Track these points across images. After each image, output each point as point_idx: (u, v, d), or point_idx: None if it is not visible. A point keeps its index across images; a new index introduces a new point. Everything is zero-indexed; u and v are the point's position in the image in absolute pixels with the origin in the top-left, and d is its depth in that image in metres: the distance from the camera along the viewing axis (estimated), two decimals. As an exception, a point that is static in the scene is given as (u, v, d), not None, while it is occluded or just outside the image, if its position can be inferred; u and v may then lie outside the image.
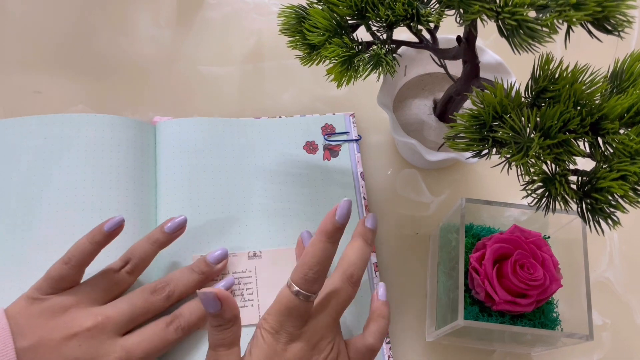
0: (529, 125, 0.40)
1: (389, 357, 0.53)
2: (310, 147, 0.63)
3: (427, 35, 0.51)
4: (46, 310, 0.45)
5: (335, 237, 0.46)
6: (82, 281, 0.49)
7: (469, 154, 0.44)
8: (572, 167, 0.41)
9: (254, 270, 0.56)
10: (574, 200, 0.40)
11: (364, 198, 0.61)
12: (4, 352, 0.42)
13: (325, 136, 0.64)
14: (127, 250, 0.51)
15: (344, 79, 0.48)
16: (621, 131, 0.40)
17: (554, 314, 0.52)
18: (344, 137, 0.64)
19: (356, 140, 0.64)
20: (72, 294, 0.47)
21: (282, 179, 0.61)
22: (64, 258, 0.47)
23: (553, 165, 0.40)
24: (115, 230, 0.49)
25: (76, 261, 0.47)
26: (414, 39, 0.52)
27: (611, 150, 0.40)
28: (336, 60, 0.47)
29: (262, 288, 0.55)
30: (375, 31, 0.49)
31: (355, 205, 0.60)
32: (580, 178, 0.41)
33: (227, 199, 0.59)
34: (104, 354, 0.45)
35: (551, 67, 0.42)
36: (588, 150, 0.41)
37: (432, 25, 0.49)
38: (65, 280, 0.47)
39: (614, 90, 0.42)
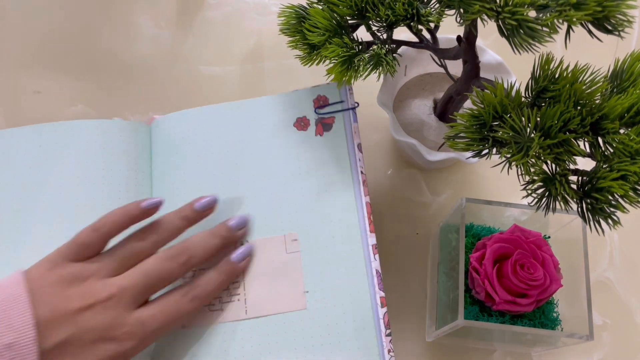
0: (529, 125, 0.40)
1: (388, 350, 0.50)
2: (302, 123, 0.58)
3: (427, 35, 0.52)
4: (65, 277, 0.45)
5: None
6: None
7: (469, 153, 0.44)
8: (572, 167, 0.41)
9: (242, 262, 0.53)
10: (574, 200, 0.40)
11: (362, 172, 0.55)
12: (22, 320, 0.41)
13: (317, 109, 0.58)
14: (154, 221, 0.49)
15: (344, 78, 0.48)
16: (621, 131, 0.40)
17: (554, 314, 0.52)
18: (338, 107, 0.58)
19: (352, 109, 0.57)
20: (92, 263, 0.46)
21: (271, 163, 0.57)
22: (94, 225, 0.47)
23: (553, 165, 0.40)
24: (152, 209, 0.49)
25: (106, 230, 0.47)
26: (414, 38, 0.52)
27: (611, 150, 0.40)
28: (336, 60, 0.47)
29: (249, 280, 0.53)
30: (376, 31, 0.49)
31: (351, 180, 0.55)
32: (580, 178, 0.41)
33: (217, 189, 0.56)
34: (118, 326, 0.44)
35: (551, 66, 0.42)
36: (588, 150, 0.41)
37: (432, 25, 0.49)
38: (90, 248, 0.46)
39: (614, 90, 0.42)
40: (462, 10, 0.40)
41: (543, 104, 0.42)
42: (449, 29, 0.51)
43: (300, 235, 0.53)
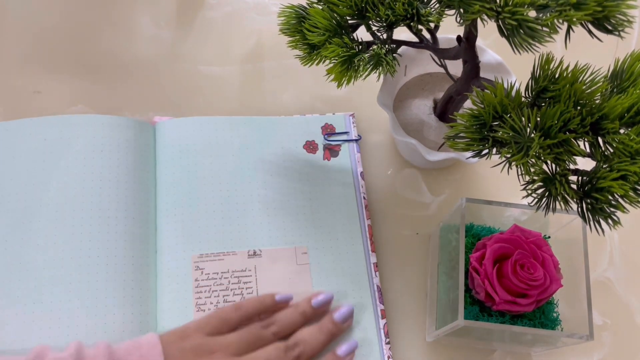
0: (529, 125, 0.40)
1: (388, 357, 0.53)
2: (310, 146, 0.63)
3: (427, 35, 0.51)
4: (196, 348, 0.48)
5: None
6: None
7: (469, 153, 0.44)
8: (572, 167, 0.41)
9: (253, 270, 0.56)
10: (574, 200, 0.40)
11: (364, 198, 0.61)
12: None
13: (325, 136, 0.64)
14: (277, 314, 0.52)
15: (344, 78, 0.48)
16: (621, 131, 0.40)
17: (554, 314, 0.52)
18: (344, 137, 0.64)
19: (356, 140, 0.64)
20: (222, 340, 0.49)
21: (282, 178, 0.61)
22: (237, 305, 0.52)
23: (553, 165, 0.40)
24: (284, 303, 0.53)
25: (244, 313, 0.51)
26: (414, 38, 0.52)
27: (611, 150, 0.40)
28: (336, 60, 0.47)
29: (262, 288, 0.55)
30: (375, 31, 0.49)
31: (356, 204, 0.60)
32: (580, 178, 0.41)
33: (226, 198, 0.59)
34: None
35: (551, 66, 0.42)
36: (588, 150, 0.41)
37: (432, 25, 0.49)
38: (227, 325, 0.51)
39: (614, 90, 0.42)
40: (462, 10, 0.40)
41: (543, 104, 0.42)
42: (449, 29, 0.51)
43: (309, 250, 0.57)
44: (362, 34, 0.49)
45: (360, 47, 0.48)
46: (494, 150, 0.42)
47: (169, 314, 0.53)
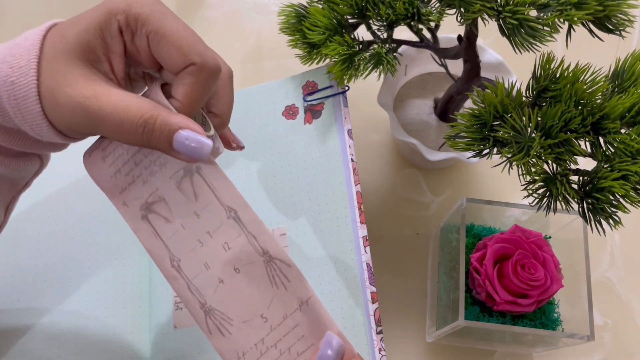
0: (530, 124, 0.40)
1: (379, 349, 0.47)
2: (290, 111, 0.56)
3: (427, 35, 0.51)
4: None
5: None
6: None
7: (469, 153, 0.44)
8: (573, 166, 0.41)
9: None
10: (575, 200, 0.40)
11: (352, 160, 0.52)
12: None
13: (305, 96, 0.55)
14: None
15: (344, 77, 0.48)
16: (622, 131, 0.40)
17: (555, 314, 0.52)
18: (328, 92, 0.54)
19: (342, 93, 0.54)
20: None
21: (259, 155, 0.55)
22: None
23: (554, 165, 0.40)
24: None
25: None
26: (415, 38, 0.52)
27: (612, 150, 0.40)
28: (337, 58, 0.47)
29: None
30: (376, 30, 0.49)
31: (342, 169, 0.52)
32: (581, 178, 0.41)
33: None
34: None
35: (552, 66, 0.42)
36: (589, 149, 0.41)
37: (432, 24, 0.49)
38: None
39: (615, 90, 0.42)
40: (462, 9, 0.40)
41: (544, 104, 0.42)
42: (450, 29, 0.51)
43: (289, 229, 0.52)
44: (362, 33, 0.49)
45: (360, 46, 0.48)
46: (495, 150, 0.42)
47: (155, 312, 0.52)
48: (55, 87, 0.33)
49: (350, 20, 0.49)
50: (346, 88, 0.54)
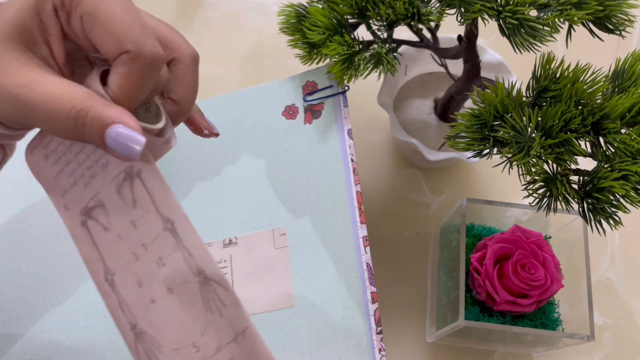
0: (530, 124, 0.40)
1: (379, 349, 0.47)
2: (290, 111, 0.56)
3: (427, 35, 0.51)
4: None
5: None
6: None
7: (469, 153, 0.44)
8: (573, 166, 0.41)
9: (229, 260, 0.52)
10: (575, 200, 0.40)
11: (352, 160, 0.52)
12: None
13: (305, 96, 0.55)
14: None
15: (344, 77, 0.48)
16: (622, 131, 0.40)
17: (555, 314, 0.52)
18: (328, 92, 0.54)
19: (342, 93, 0.54)
20: None
21: (258, 154, 0.55)
22: None
23: (554, 165, 0.40)
24: None
25: None
26: (415, 38, 0.52)
27: (612, 150, 0.40)
28: (337, 58, 0.47)
29: (237, 280, 0.51)
30: (376, 30, 0.49)
31: (342, 168, 0.52)
32: (581, 178, 0.41)
33: (202, 186, 0.55)
34: None
35: (552, 66, 0.42)
36: (589, 149, 0.41)
37: (432, 24, 0.49)
38: None
39: (615, 90, 0.42)
40: (462, 9, 0.40)
41: (544, 104, 0.42)
42: (450, 28, 0.51)
43: (289, 230, 0.52)
44: (362, 33, 0.49)
45: (360, 46, 0.48)
46: (495, 150, 0.42)
47: None
48: None
49: (350, 20, 0.49)
50: (346, 88, 0.54)
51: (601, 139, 0.41)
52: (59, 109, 0.29)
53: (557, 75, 0.42)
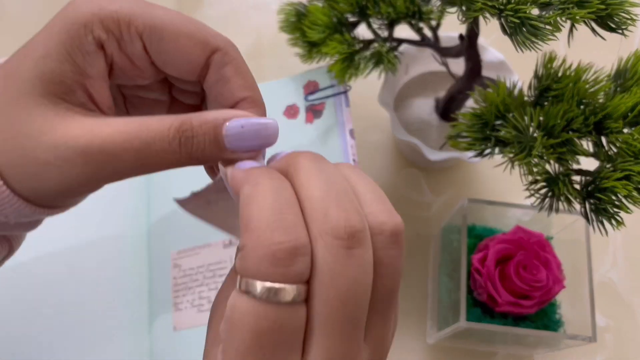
0: (532, 124, 0.39)
1: None
2: (291, 111, 0.55)
3: (428, 33, 0.51)
4: None
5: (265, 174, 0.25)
6: None
7: (471, 153, 0.43)
8: (575, 166, 0.40)
9: (229, 260, 0.52)
10: (578, 200, 0.40)
11: (354, 160, 0.51)
12: None
13: (306, 96, 0.55)
14: None
15: (346, 75, 0.48)
16: (625, 130, 0.39)
17: (557, 316, 0.51)
18: (329, 91, 0.53)
19: (344, 92, 0.53)
20: None
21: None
22: None
23: (556, 165, 0.40)
24: None
25: None
26: (416, 36, 0.51)
27: (615, 150, 0.39)
28: (337, 57, 0.47)
29: None
30: (376, 29, 0.48)
31: None
32: (583, 178, 0.41)
33: (202, 183, 0.56)
34: None
35: (554, 65, 0.42)
36: (592, 149, 0.41)
37: (434, 22, 0.48)
38: None
39: (618, 89, 0.42)
40: (464, 7, 0.39)
41: (546, 103, 0.42)
42: (451, 27, 0.51)
43: None
44: (362, 32, 0.49)
45: (361, 45, 0.48)
46: (497, 149, 0.41)
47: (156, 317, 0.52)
48: (23, 146, 0.25)
49: (350, 19, 0.49)
50: (348, 88, 0.53)
51: (603, 139, 0.40)
52: (151, 137, 0.25)
53: (559, 74, 0.41)
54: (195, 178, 0.58)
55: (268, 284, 0.21)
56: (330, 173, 0.24)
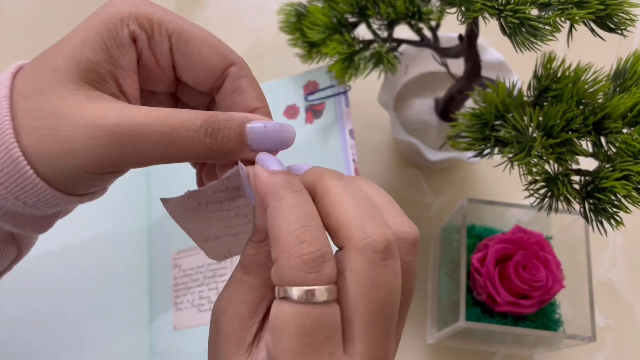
0: (532, 124, 0.39)
1: None
2: (291, 111, 0.55)
3: (428, 34, 0.51)
4: None
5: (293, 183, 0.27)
6: None
7: (470, 153, 0.44)
8: (574, 166, 0.40)
9: (229, 260, 0.52)
10: (577, 200, 0.40)
11: (354, 160, 0.51)
12: None
13: (306, 96, 0.54)
14: None
15: (345, 75, 0.48)
16: (624, 130, 0.39)
17: (557, 315, 0.51)
18: (329, 92, 0.53)
19: (344, 93, 0.53)
20: None
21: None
22: None
23: (556, 165, 0.40)
24: None
25: None
26: (415, 37, 0.51)
27: (614, 150, 0.39)
28: (337, 57, 0.47)
29: None
30: (376, 29, 0.48)
31: (343, 169, 0.51)
32: (583, 178, 0.41)
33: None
34: None
35: (554, 65, 0.42)
36: (591, 149, 0.41)
37: (433, 23, 0.48)
38: None
39: (617, 89, 0.42)
40: (463, 8, 0.40)
41: (545, 103, 0.42)
42: (451, 27, 0.51)
43: None
44: (362, 32, 0.49)
45: (361, 45, 0.48)
46: (496, 149, 0.42)
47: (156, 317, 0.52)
48: (53, 125, 0.26)
49: (350, 19, 0.49)
50: (348, 88, 0.53)
51: (602, 139, 0.40)
52: (179, 123, 0.27)
53: (559, 74, 0.41)
54: (195, 179, 0.58)
55: (304, 288, 0.24)
56: (354, 190, 0.27)
